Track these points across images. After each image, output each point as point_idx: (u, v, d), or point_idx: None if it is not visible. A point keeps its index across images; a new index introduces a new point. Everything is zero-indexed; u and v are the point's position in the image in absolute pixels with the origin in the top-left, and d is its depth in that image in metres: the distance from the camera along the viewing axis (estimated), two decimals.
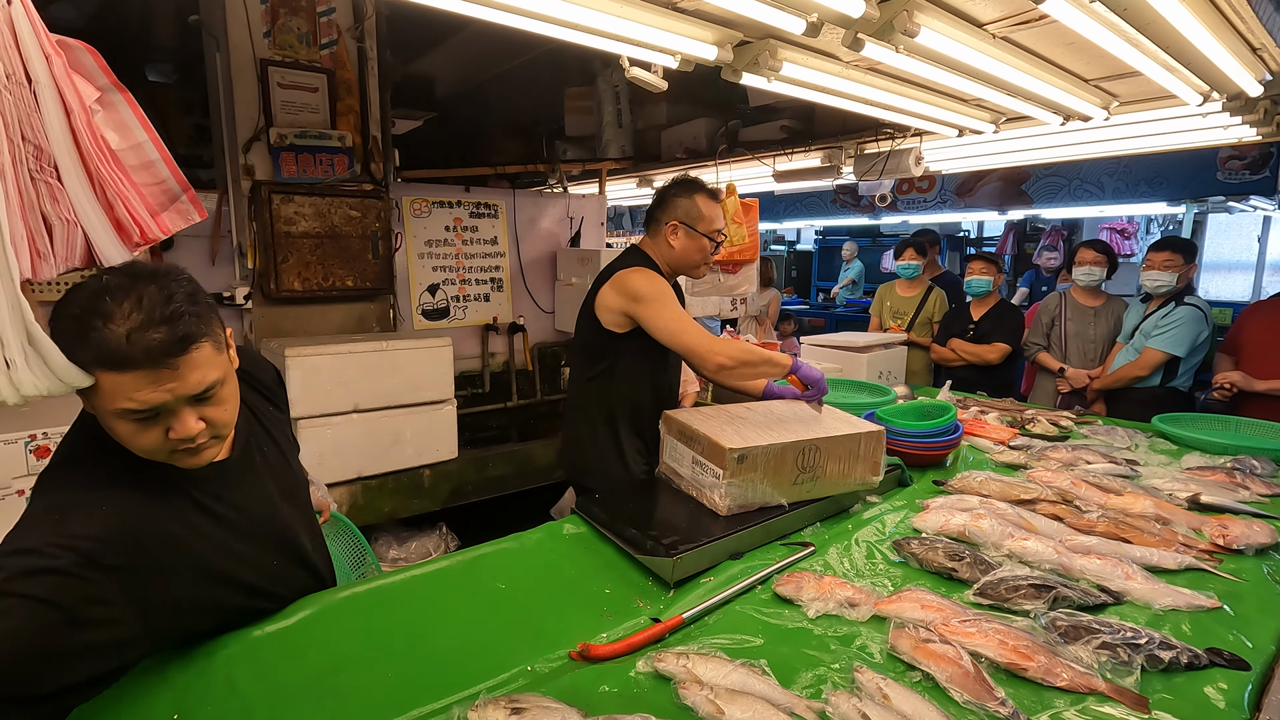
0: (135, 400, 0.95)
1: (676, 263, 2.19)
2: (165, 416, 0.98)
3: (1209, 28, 1.75)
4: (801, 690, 1.10)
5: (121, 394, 0.94)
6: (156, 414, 0.97)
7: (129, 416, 0.96)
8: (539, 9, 1.59)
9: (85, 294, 0.95)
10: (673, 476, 1.84)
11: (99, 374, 0.94)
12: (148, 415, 0.97)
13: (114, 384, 0.94)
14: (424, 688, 1.12)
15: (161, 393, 0.96)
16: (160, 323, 0.94)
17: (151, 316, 0.94)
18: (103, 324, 0.92)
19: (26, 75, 0.92)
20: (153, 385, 0.95)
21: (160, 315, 0.94)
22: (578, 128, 4.94)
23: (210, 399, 1.02)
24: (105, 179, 1.01)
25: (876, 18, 1.61)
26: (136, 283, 0.96)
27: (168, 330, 0.94)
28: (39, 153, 0.93)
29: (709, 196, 2.17)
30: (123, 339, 0.92)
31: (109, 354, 0.92)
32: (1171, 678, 1.14)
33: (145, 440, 0.99)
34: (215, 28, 2.84)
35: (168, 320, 0.95)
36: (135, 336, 0.92)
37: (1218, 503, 1.83)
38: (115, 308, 0.93)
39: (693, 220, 2.14)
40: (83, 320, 0.93)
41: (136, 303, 0.94)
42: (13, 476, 2.11)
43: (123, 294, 0.94)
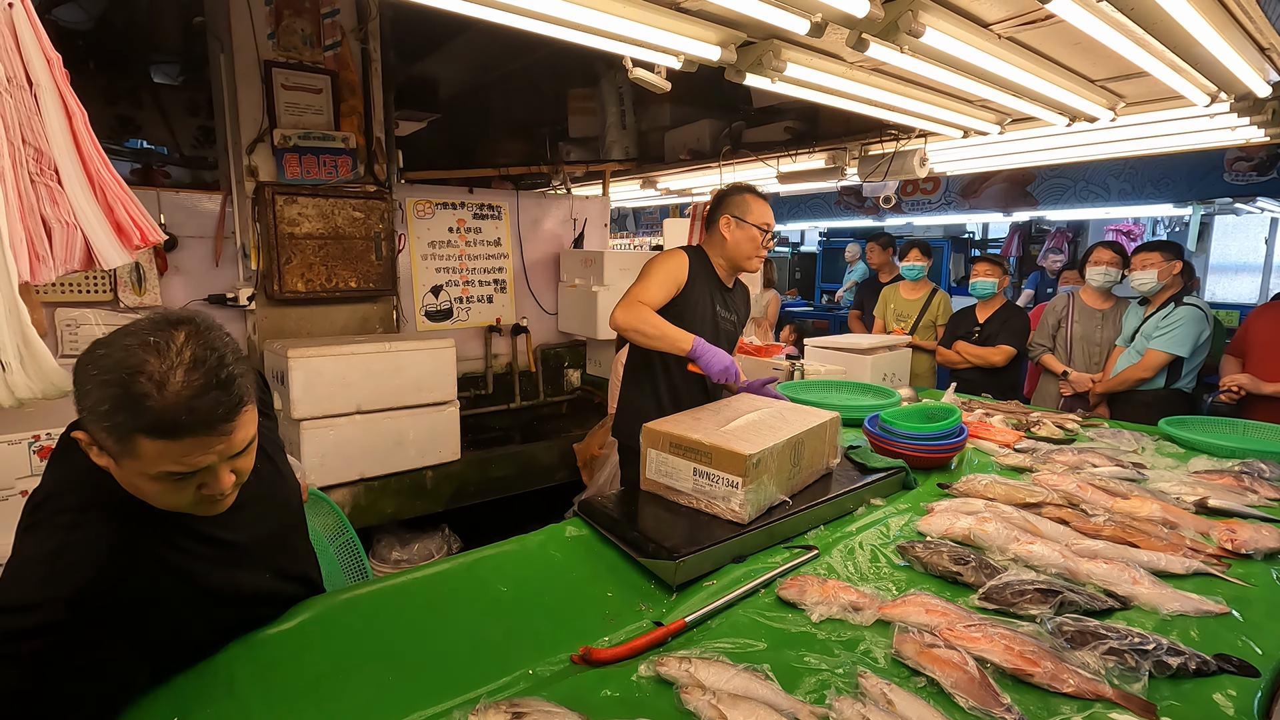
0: (183, 464, 0.90)
1: (732, 254, 2.39)
2: (203, 474, 0.95)
3: (1217, 27, 1.74)
4: (805, 695, 1.09)
5: (168, 459, 0.89)
6: (195, 473, 0.93)
7: (168, 478, 0.92)
8: (543, 10, 1.58)
9: (124, 352, 0.87)
10: (664, 492, 1.76)
11: (143, 442, 0.87)
12: (188, 476, 0.93)
13: (161, 450, 0.88)
14: (425, 691, 1.11)
15: (211, 455, 0.92)
16: (218, 387, 0.89)
17: (209, 381, 0.89)
18: (157, 390, 0.86)
19: (28, 78, 0.92)
20: (203, 449, 0.91)
21: (218, 379, 0.89)
22: (581, 129, 4.94)
23: (244, 452, 0.99)
24: (106, 182, 1.00)
25: (881, 18, 1.60)
26: (180, 338, 0.90)
27: (226, 395, 0.90)
28: (39, 156, 0.93)
29: (757, 195, 2.41)
30: (183, 407, 0.86)
31: (167, 423, 0.86)
32: (1180, 684, 1.12)
33: (176, 498, 0.96)
34: (220, 29, 2.85)
35: (225, 384, 0.90)
36: (196, 404, 0.87)
37: (1226, 507, 1.81)
38: (169, 371, 0.87)
39: (743, 213, 2.36)
40: (129, 384, 0.85)
41: (192, 364, 0.88)
42: (16, 477, 2.11)
43: (171, 353, 0.88)
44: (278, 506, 1.28)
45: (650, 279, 2.27)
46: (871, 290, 5.15)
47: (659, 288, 2.26)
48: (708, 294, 2.40)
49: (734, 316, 2.52)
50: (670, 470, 1.74)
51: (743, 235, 2.37)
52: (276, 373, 2.69)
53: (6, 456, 2.09)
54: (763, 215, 2.38)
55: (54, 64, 0.94)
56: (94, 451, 0.94)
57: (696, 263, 2.38)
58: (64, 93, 0.96)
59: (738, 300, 2.55)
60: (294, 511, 1.37)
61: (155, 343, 0.88)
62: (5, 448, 2.09)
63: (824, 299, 10.59)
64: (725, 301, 2.46)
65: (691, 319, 2.32)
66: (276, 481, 1.28)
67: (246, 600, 1.20)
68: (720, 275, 2.45)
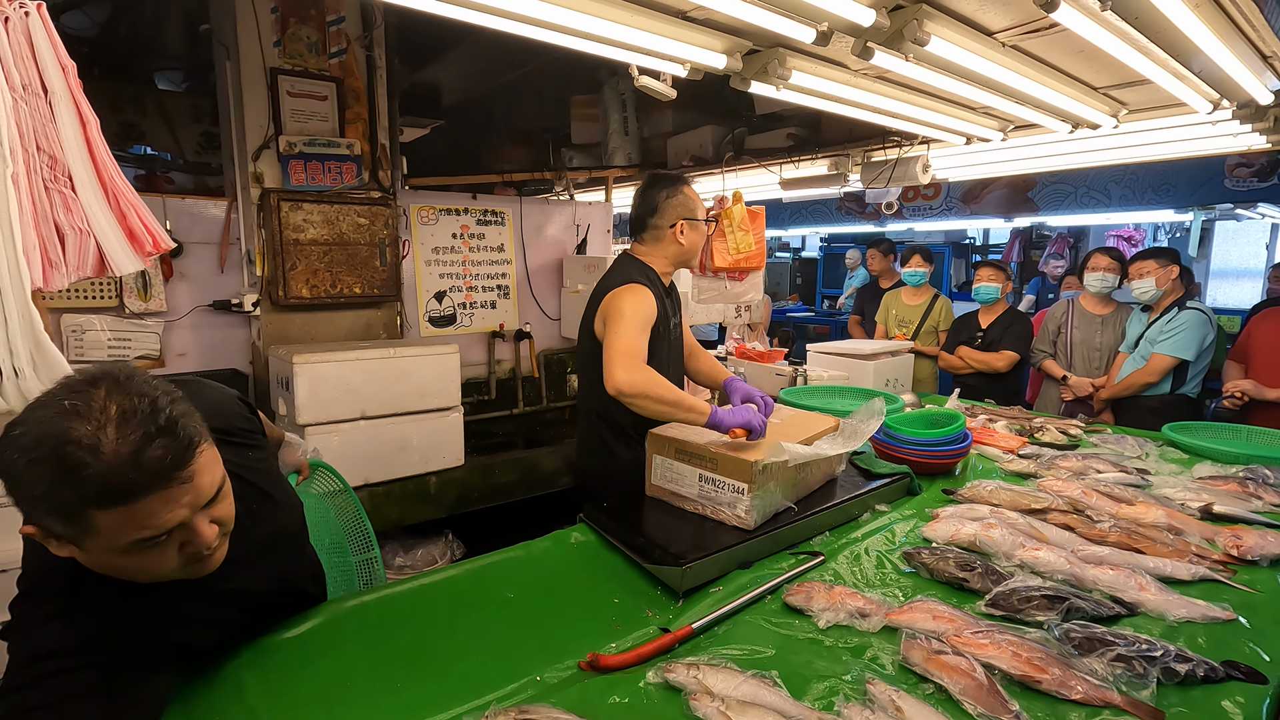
0: (151, 527, 0.82)
1: (687, 257, 2.28)
2: (179, 532, 0.87)
3: (1220, 36, 1.75)
4: (813, 702, 1.09)
5: (132, 525, 0.82)
6: (170, 533, 0.85)
7: (141, 546, 0.84)
8: (550, 18, 1.59)
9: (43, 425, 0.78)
10: (669, 498, 1.77)
11: (98, 515, 0.79)
12: (161, 538, 0.85)
13: (120, 519, 0.80)
14: (433, 698, 1.11)
15: (180, 509, 0.84)
16: (160, 434, 0.81)
17: (148, 430, 0.80)
18: (92, 456, 0.77)
19: (43, 86, 0.93)
20: (167, 505, 0.83)
21: (156, 426, 0.81)
22: (584, 135, 4.96)
23: (218, 498, 0.91)
24: (119, 189, 1.01)
25: (887, 27, 1.61)
26: (99, 394, 0.81)
27: (172, 440, 0.82)
28: (53, 163, 0.93)
29: (689, 185, 2.27)
30: (128, 464, 0.78)
31: (115, 488, 0.78)
32: (1188, 691, 1.12)
33: (159, 565, 0.88)
34: (226, 37, 2.86)
35: (167, 430, 0.82)
36: (141, 458, 0.79)
37: (1231, 513, 1.81)
38: (97, 431, 0.78)
39: (692, 212, 2.22)
40: (60, 458, 0.77)
41: (121, 419, 0.80)
42: None
43: (95, 411, 0.79)
44: (285, 539, 1.26)
45: (633, 327, 1.99)
46: (872, 296, 5.16)
47: (644, 338, 2.02)
48: (662, 310, 2.18)
49: (678, 317, 2.35)
50: (676, 476, 1.75)
51: (698, 235, 2.26)
52: (281, 378, 2.69)
53: None
54: (701, 206, 2.27)
55: (68, 72, 0.95)
56: (52, 544, 0.85)
57: (651, 285, 2.15)
58: (78, 100, 0.97)
59: (676, 298, 2.37)
60: (298, 536, 1.36)
61: (74, 406, 0.79)
62: None
63: (825, 304, 10.60)
64: (672, 309, 2.29)
65: (660, 351, 2.14)
66: (272, 514, 1.22)
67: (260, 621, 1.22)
68: (665, 282, 2.27)
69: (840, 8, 1.58)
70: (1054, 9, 1.47)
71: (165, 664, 1.01)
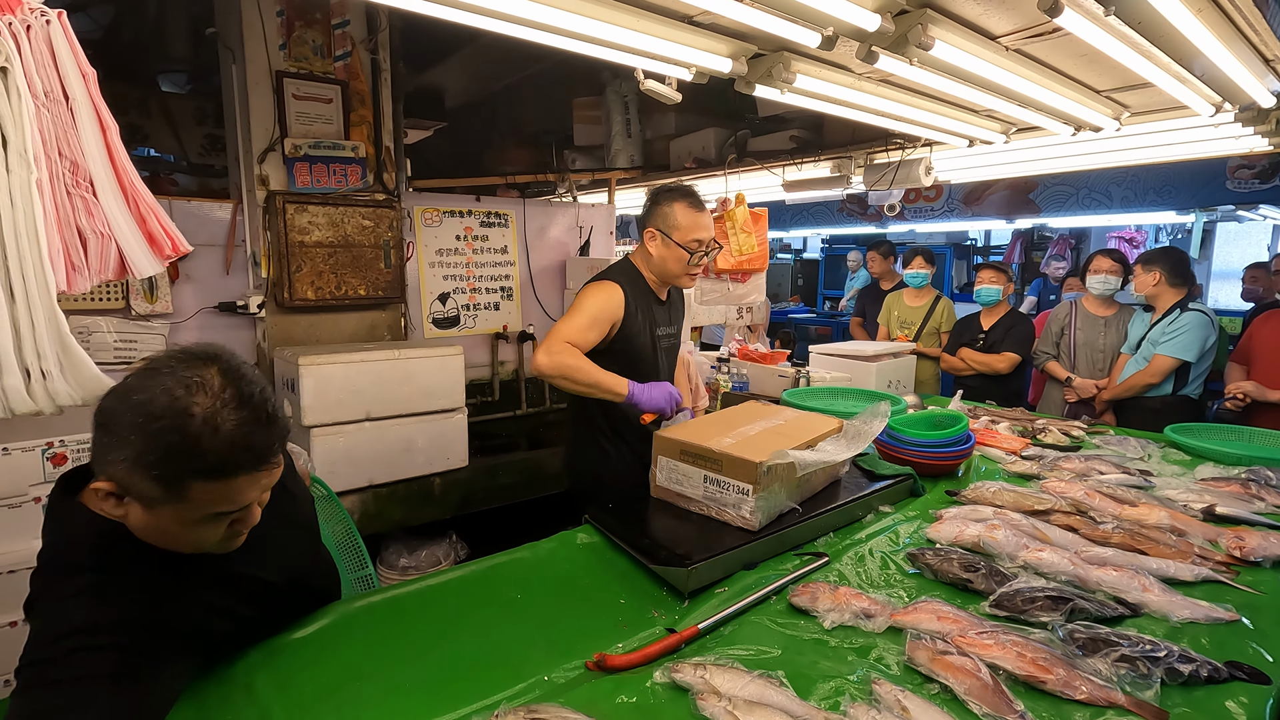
0: (234, 503, 0.89)
1: (658, 271, 2.17)
2: (236, 514, 0.93)
3: (1222, 40, 1.76)
4: (820, 702, 1.10)
5: (221, 500, 0.88)
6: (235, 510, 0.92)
7: (211, 519, 0.90)
8: (557, 23, 1.60)
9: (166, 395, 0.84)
10: (674, 499, 1.78)
11: (196, 485, 0.85)
12: (229, 514, 0.91)
13: (214, 492, 0.87)
14: (442, 697, 1.12)
15: (259, 490, 0.91)
16: (267, 423, 0.88)
17: (259, 418, 0.87)
18: (211, 433, 0.83)
19: (64, 92, 0.94)
20: (253, 486, 0.90)
21: (265, 415, 0.88)
22: (586, 137, 4.97)
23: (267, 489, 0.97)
24: (139, 193, 1.02)
25: (891, 31, 1.62)
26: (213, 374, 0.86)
27: (276, 430, 0.90)
28: (75, 168, 0.95)
29: (691, 205, 2.10)
30: (239, 447, 0.85)
31: (224, 465, 0.85)
32: (1191, 691, 1.13)
33: (208, 537, 0.93)
34: (232, 40, 2.88)
35: (272, 420, 0.89)
36: (251, 442, 0.86)
37: (1233, 514, 1.82)
38: (217, 412, 0.84)
39: (669, 228, 2.09)
40: (182, 429, 0.83)
41: (238, 403, 0.86)
42: (30, 484, 2.12)
43: (214, 391, 0.85)
44: (296, 529, 1.29)
45: (580, 316, 2.01)
46: (873, 298, 5.17)
47: (591, 329, 2.02)
48: (645, 318, 2.17)
49: (673, 329, 2.33)
50: (681, 477, 1.76)
51: (669, 254, 2.11)
52: (286, 380, 2.70)
53: (20, 464, 2.11)
54: (693, 230, 2.08)
55: (89, 79, 0.96)
56: (110, 503, 0.89)
57: (630, 286, 2.13)
58: (98, 107, 0.98)
59: (674, 309, 2.34)
60: (310, 527, 1.39)
61: (196, 382, 0.85)
62: (19, 455, 2.10)
63: (826, 306, 10.61)
64: (662, 317, 2.26)
65: (633, 352, 2.14)
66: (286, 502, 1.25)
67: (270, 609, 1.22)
68: (654, 289, 2.22)
69: (845, 13, 1.59)
70: (1058, 14, 1.48)
71: (179, 654, 1.01)
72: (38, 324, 0.92)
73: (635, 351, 2.14)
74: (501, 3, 1.50)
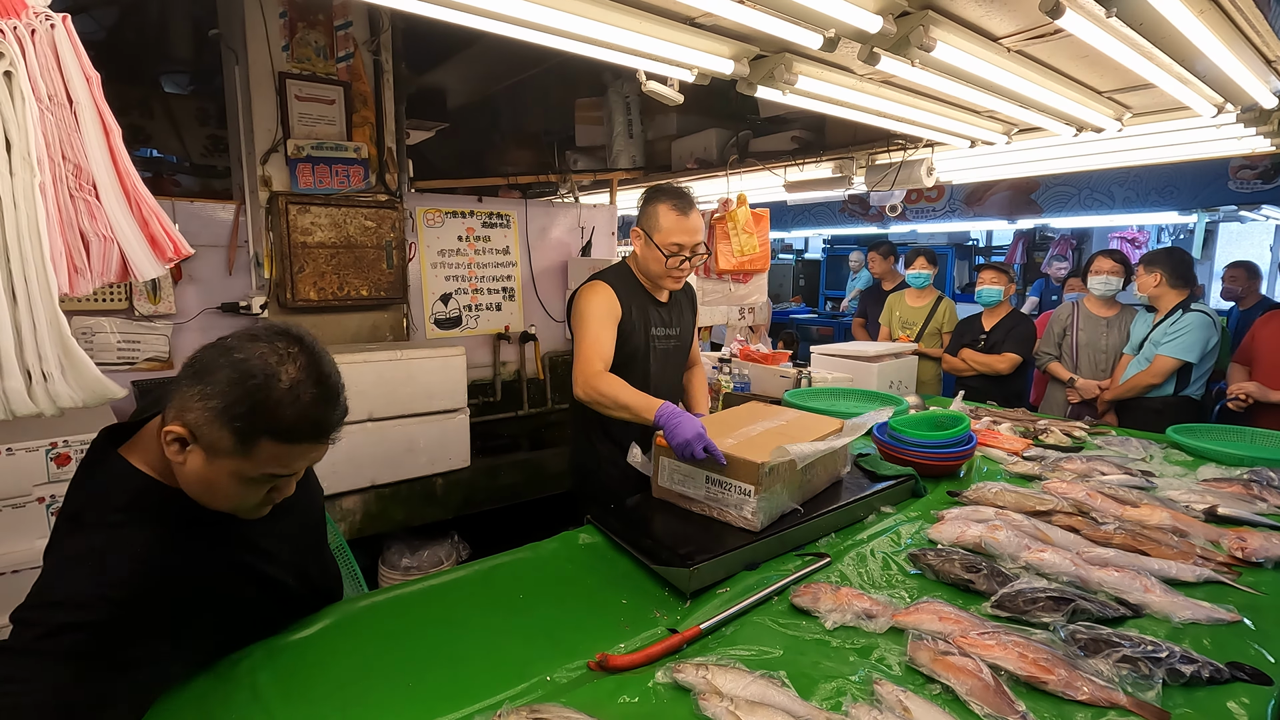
0: (289, 468, 0.98)
1: (642, 271, 2.14)
2: (282, 480, 1.02)
3: (1224, 41, 1.76)
4: (821, 702, 1.10)
5: (281, 461, 0.97)
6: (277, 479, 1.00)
7: (259, 480, 0.98)
8: (559, 25, 1.61)
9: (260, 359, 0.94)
10: (676, 499, 1.78)
11: (266, 444, 0.94)
12: (275, 479, 1.00)
13: (278, 453, 0.95)
14: (445, 697, 1.12)
15: (306, 462, 1.00)
16: (335, 404, 0.99)
17: (330, 397, 0.98)
18: (292, 400, 0.93)
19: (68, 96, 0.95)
20: (309, 456, 0.99)
21: (335, 396, 0.99)
22: (588, 138, 4.98)
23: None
24: (141, 196, 1.03)
25: (893, 32, 1.63)
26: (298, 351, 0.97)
27: (340, 412, 1.00)
28: (78, 171, 0.96)
29: (675, 208, 2.03)
30: (310, 418, 0.95)
31: (295, 430, 0.94)
32: (1193, 692, 1.13)
33: (249, 497, 1.01)
34: (235, 41, 2.88)
35: (340, 401, 1.00)
36: (320, 416, 0.96)
37: (1235, 515, 1.82)
38: (301, 383, 0.94)
39: (651, 228, 2.05)
40: (269, 389, 0.93)
41: (317, 380, 0.96)
42: (34, 484, 2.13)
43: (300, 366, 0.95)
44: (306, 511, 1.33)
45: (590, 327, 2.01)
46: (874, 298, 5.17)
47: (605, 332, 2.02)
48: (640, 318, 2.14)
49: (675, 330, 2.26)
50: (683, 478, 1.76)
51: (649, 255, 2.07)
52: None
53: (25, 464, 2.11)
54: (673, 234, 2.02)
55: (93, 82, 0.97)
56: (174, 448, 0.97)
57: (622, 285, 2.12)
58: (102, 110, 0.99)
59: (677, 311, 2.27)
60: (318, 516, 1.41)
61: (288, 353, 0.95)
62: (23, 455, 2.11)
63: (828, 306, 10.60)
64: (661, 318, 2.21)
65: (628, 352, 2.11)
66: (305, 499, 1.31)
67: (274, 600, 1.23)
68: (651, 292, 2.18)
69: (847, 14, 1.59)
70: (1059, 15, 1.48)
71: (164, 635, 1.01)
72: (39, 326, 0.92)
73: (627, 351, 2.10)
74: (504, 4, 1.51)
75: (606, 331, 2.02)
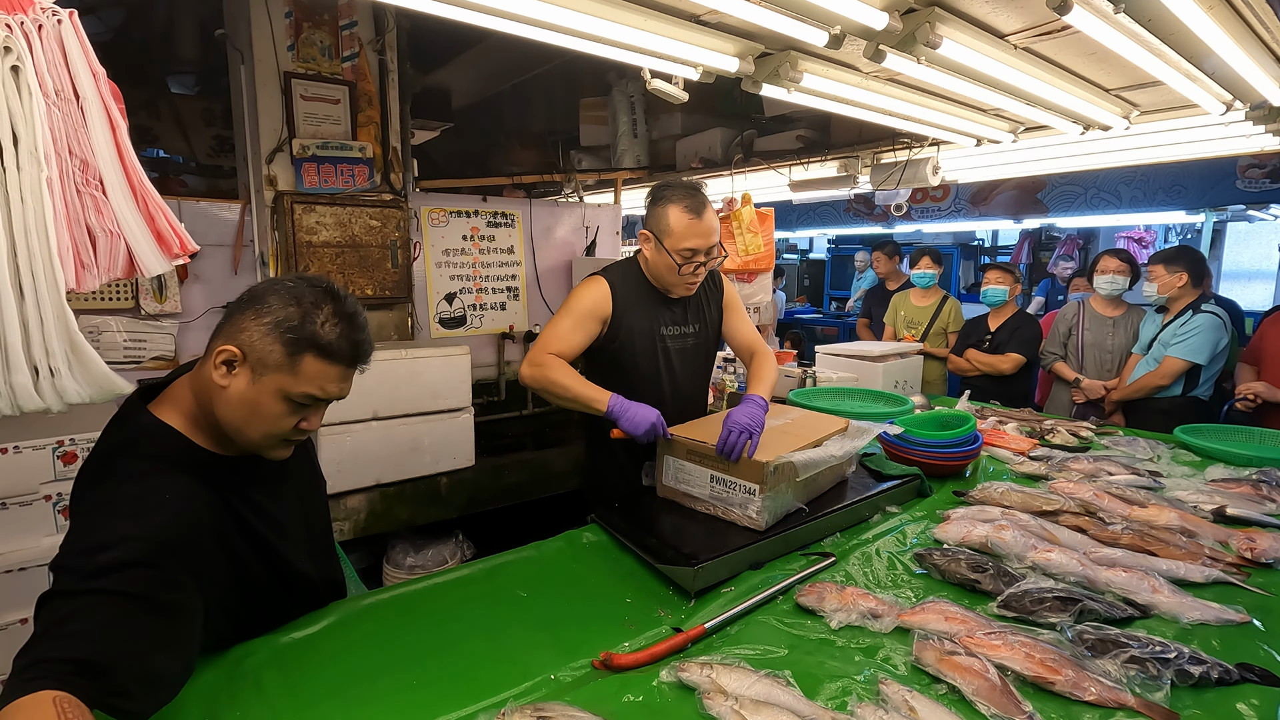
0: (323, 390, 1.11)
1: (652, 275, 2.01)
2: (312, 409, 1.14)
3: (1234, 37, 1.75)
4: (827, 702, 1.10)
5: (317, 381, 1.10)
6: (311, 405, 1.13)
7: (296, 400, 1.11)
8: (564, 23, 1.61)
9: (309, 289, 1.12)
10: (681, 499, 1.77)
11: (308, 359, 1.09)
12: (309, 404, 1.13)
13: (317, 370, 1.10)
14: (449, 695, 1.12)
15: (339, 389, 1.13)
16: (366, 337, 1.15)
17: (362, 330, 1.14)
18: (333, 323, 1.10)
19: (75, 91, 0.95)
20: (340, 381, 1.13)
21: (365, 332, 1.16)
22: (593, 137, 4.98)
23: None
24: (148, 192, 1.03)
25: (899, 30, 1.62)
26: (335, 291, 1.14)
27: (369, 345, 1.16)
28: (85, 167, 0.96)
29: (687, 209, 1.88)
30: (349, 340, 1.11)
31: (335, 349, 1.10)
32: (1202, 693, 1.12)
33: (281, 424, 1.12)
34: (240, 41, 2.89)
35: (368, 339, 1.16)
36: (357, 341, 1.13)
37: (1244, 515, 1.81)
38: (340, 314, 1.11)
39: (661, 232, 1.91)
40: (317, 311, 1.10)
41: (352, 314, 1.13)
42: (40, 481, 2.14)
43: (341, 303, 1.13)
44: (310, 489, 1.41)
45: (564, 318, 1.93)
46: (879, 298, 5.15)
47: (576, 331, 1.93)
48: (645, 317, 2.02)
49: (692, 327, 2.11)
50: (687, 477, 1.75)
51: (660, 260, 1.93)
52: None
53: (31, 461, 2.12)
54: (685, 238, 1.87)
55: (99, 78, 0.97)
56: (221, 371, 1.09)
57: (627, 283, 2.00)
58: (108, 105, 0.99)
59: (695, 306, 2.12)
60: (321, 501, 1.46)
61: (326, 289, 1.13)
62: (30, 453, 2.12)
63: (833, 306, 10.59)
64: (673, 316, 2.08)
65: (627, 353, 2.01)
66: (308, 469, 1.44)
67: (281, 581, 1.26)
68: (659, 287, 2.05)
69: (853, 11, 1.58)
70: (1067, 11, 1.47)
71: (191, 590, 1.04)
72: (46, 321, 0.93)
73: (630, 352, 2.02)
74: (509, 2, 1.51)
75: (578, 330, 1.95)
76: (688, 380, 2.15)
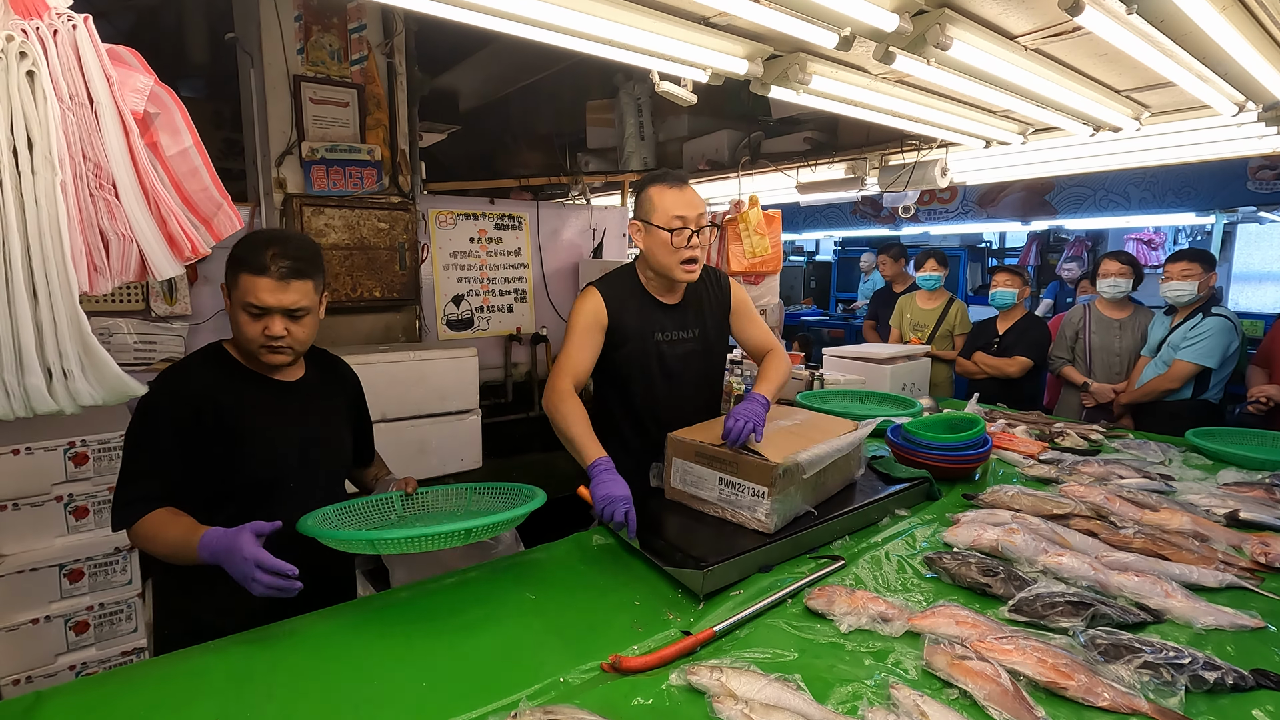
0: (255, 300, 1.41)
1: (653, 267, 1.98)
2: (267, 318, 1.43)
3: (1247, 38, 1.74)
4: (837, 706, 1.09)
5: (254, 290, 1.40)
6: (263, 314, 1.43)
7: (250, 309, 1.42)
8: (573, 25, 1.61)
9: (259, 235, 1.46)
10: (689, 501, 1.77)
11: (242, 275, 1.41)
12: (260, 313, 1.43)
13: (250, 283, 1.40)
14: (458, 697, 1.12)
15: (273, 299, 1.41)
16: (289, 257, 1.43)
17: (285, 252, 1.43)
18: (261, 248, 1.42)
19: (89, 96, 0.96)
20: (270, 292, 1.41)
21: (290, 257, 1.43)
22: (600, 140, 4.99)
23: (297, 319, 1.47)
24: (160, 195, 1.04)
25: (909, 31, 1.61)
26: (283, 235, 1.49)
27: (292, 263, 1.43)
28: (98, 171, 0.96)
29: (667, 184, 1.89)
30: (265, 260, 1.40)
31: (254, 265, 1.40)
32: (1217, 699, 1.11)
33: (251, 330, 1.44)
34: (250, 45, 2.91)
35: (293, 258, 1.43)
36: (272, 262, 1.41)
37: (1257, 519, 1.79)
38: (270, 238, 1.45)
39: (647, 214, 1.90)
40: (250, 243, 1.44)
41: (281, 244, 1.44)
42: (52, 483, 2.15)
43: (275, 235, 1.47)
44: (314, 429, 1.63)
45: (571, 339, 1.93)
46: (885, 300, 5.14)
47: (584, 347, 1.93)
48: (640, 322, 1.99)
49: (690, 332, 2.06)
50: (695, 479, 1.75)
51: (654, 243, 1.90)
52: None
53: (43, 463, 2.13)
54: (671, 208, 1.85)
55: (112, 82, 0.98)
56: (226, 304, 1.50)
57: (617, 290, 1.99)
58: (121, 110, 1.00)
59: (694, 310, 2.08)
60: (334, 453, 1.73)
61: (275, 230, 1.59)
62: (42, 455, 2.13)
63: (839, 308, 10.56)
64: (668, 321, 2.03)
65: (624, 360, 1.99)
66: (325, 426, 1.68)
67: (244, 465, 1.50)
68: (656, 294, 2.01)
69: (863, 13, 1.58)
70: (1079, 12, 1.47)
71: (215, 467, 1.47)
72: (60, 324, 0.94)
73: (628, 359, 1.99)
74: (517, 5, 1.51)
75: (585, 346, 1.94)
76: (688, 386, 2.09)
